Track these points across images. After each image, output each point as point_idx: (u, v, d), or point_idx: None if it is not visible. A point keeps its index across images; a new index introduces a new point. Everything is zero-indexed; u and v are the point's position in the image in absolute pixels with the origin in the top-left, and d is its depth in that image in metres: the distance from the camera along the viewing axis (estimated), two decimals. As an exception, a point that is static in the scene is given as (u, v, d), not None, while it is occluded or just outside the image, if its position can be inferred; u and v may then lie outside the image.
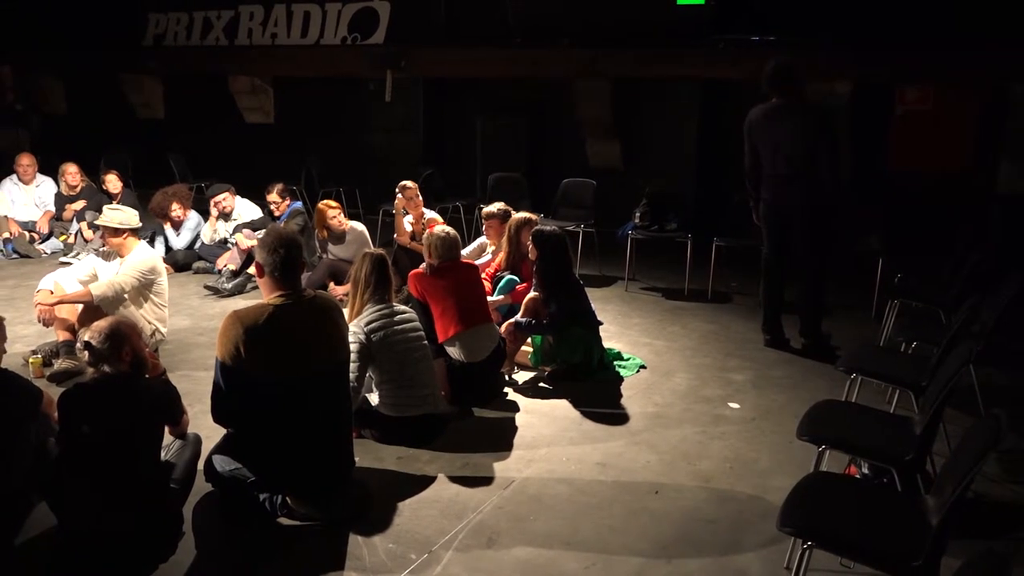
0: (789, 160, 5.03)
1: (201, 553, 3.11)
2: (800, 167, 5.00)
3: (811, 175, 4.97)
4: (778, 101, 5.08)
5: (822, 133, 4.95)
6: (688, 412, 4.47)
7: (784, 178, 5.08)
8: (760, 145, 5.16)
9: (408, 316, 4.09)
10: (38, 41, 11.68)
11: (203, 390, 3.48)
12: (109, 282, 4.90)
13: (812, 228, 5.10)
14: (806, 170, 4.98)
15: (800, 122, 5.02)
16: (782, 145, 5.04)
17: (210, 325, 5.75)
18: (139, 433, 3.15)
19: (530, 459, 3.90)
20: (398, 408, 3.96)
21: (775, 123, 5.08)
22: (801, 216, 5.10)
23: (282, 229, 3.49)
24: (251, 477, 3.28)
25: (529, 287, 5.08)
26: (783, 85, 5.06)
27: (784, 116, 5.06)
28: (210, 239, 7.41)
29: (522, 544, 3.19)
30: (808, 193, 5.02)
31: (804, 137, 4.99)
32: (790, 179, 5.05)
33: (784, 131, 5.04)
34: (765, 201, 5.24)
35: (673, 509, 3.47)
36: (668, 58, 8.12)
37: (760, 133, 5.14)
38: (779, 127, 5.05)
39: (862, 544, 2.48)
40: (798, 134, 5.00)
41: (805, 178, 4.99)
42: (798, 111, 5.05)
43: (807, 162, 4.97)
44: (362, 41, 10.05)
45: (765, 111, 5.15)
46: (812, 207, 5.04)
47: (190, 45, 11.24)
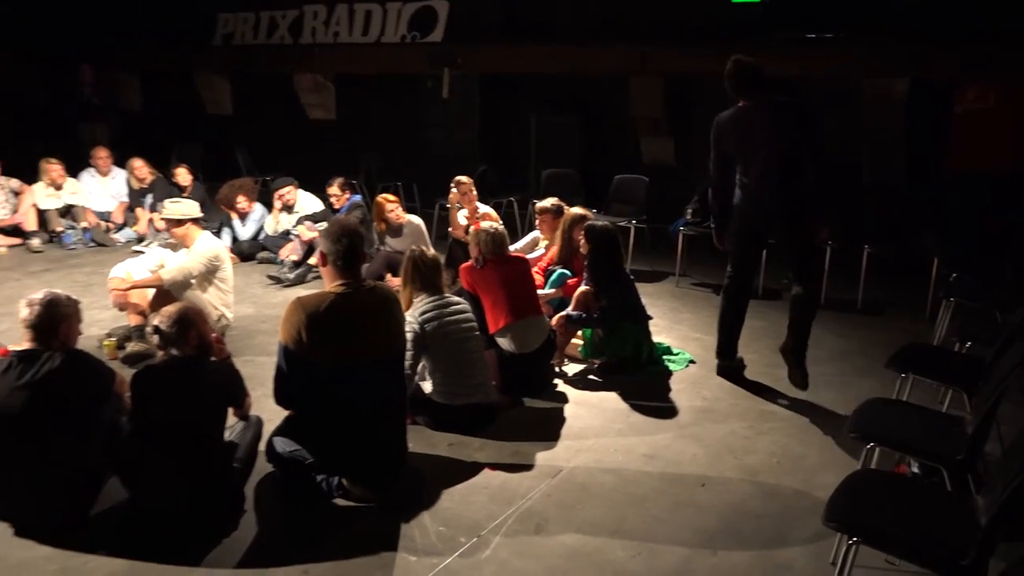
0: (767, 165, 4.48)
1: (261, 530, 3.25)
2: (779, 171, 4.47)
3: (791, 179, 4.47)
4: (748, 104, 4.56)
5: (804, 130, 4.46)
6: (736, 407, 4.48)
7: (762, 185, 4.53)
8: (733, 152, 4.62)
9: (461, 307, 4.20)
10: (116, 40, 12.15)
11: (265, 375, 3.63)
12: (178, 267, 5.13)
13: (798, 237, 4.56)
14: (786, 174, 4.46)
15: (777, 121, 4.51)
16: (758, 149, 4.50)
17: (273, 313, 5.95)
18: (204, 414, 3.31)
19: (578, 449, 3.97)
20: (450, 396, 4.07)
21: (749, 126, 4.54)
22: (783, 226, 4.57)
23: (345, 220, 3.62)
24: (309, 459, 3.40)
25: (580, 281, 5.14)
26: (751, 86, 4.54)
27: (758, 117, 4.53)
28: (273, 230, 7.66)
29: (569, 531, 3.26)
30: (789, 199, 4.49)
31: (783, 137, 4.47)
32: (768, 186, 4.51)
33: (760, 133, 4.50)
34: (739, 212, 4.67)
35: (719, 502, 3.50)
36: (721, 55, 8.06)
37: (732, 139, 4.60)
38: (754, 129, 4.52)
39: (909, 541, 2.48)
40: (776, 134, 4.48)
41: (785, 183, 4.47)
42: (773, 110, 4.54)
43: (787, 165, 4.46)
44: (421, 39, 10.21)
45: (736, 115, 4.60)
46: (794, 214, 4.51)
47: (257, 44, 11.56)
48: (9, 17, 12.12)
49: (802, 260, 4.59)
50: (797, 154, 4.45)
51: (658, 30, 8.54)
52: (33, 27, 12.22)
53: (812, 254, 4.67)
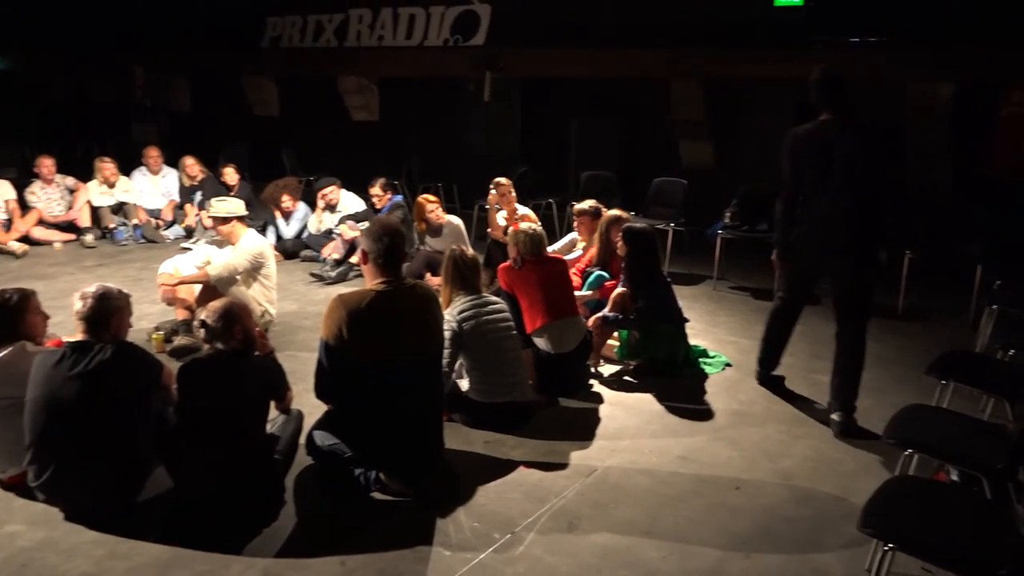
0: (841, 191, 4.11)
1: (300, 521, 3.31)
2: (854, 199, 4.10)
3: (869, 206, 4.10)
4: (828, 117, 4.18)
5: (885, 158, 4.15)
6: (772, 411, 4.46)
7: (837, 210, 4.14)
8: (806, 170, 4.23)
9: (499, 307, 4.24)
10: (167, 43, 12.45)
11: (307, 370, 3.71)
12: (224, 263, 5.27)
13: (859, 276, 4.21)
14: (861, 203, 4.10)
15: (859, 144, 4.10)
16: (836, 170, 4.10)
17: (315, 310, 6.06)
18: (247, 406, 3.39)
19: (612, 449, 3.99)
20: (487, 394, 4.11)
21: (827, 144, 4.13)
22: (847, 261, 4.20)
23: (387, 220, 3.69)
24: (348, 452, 3.47)
25: (618, 283, 5.16)
26: (834, 98, 4.17)
27: (838, 136, 4.12)
28: (316, 229, 7.79)
29: (602, 530, 3.28)
30: (861, 233, 4.13)
31: (863, 163, 4.08)
32: (842, 214, 4.13)
33: (839, 153, 4.10)
34: (808, 238, 4.31)
35: (753, 505, 3.50)
36: (763, 59, 8.03)
37: (806, 156, 4.21)
38: (833, 149, 4.12)
39: (947, 549, 2.45)
40: (856, 159, 4.09)
41: (858, 213, 4.11)
42: (855, 130, 4.14)
43: (863, 194, 4.09)
44: (463, 43, 10.30)
45: (813, 130, 4.22)
46: (865, 245, 4.16)
47: (303, 47, 11.76)
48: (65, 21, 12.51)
49: (860, 295, 4.25)
50: (875, 184, 4.11)
51: (700, 33, 8.51)
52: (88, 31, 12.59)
53: (869, 300, 4.30)
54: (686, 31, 8.62)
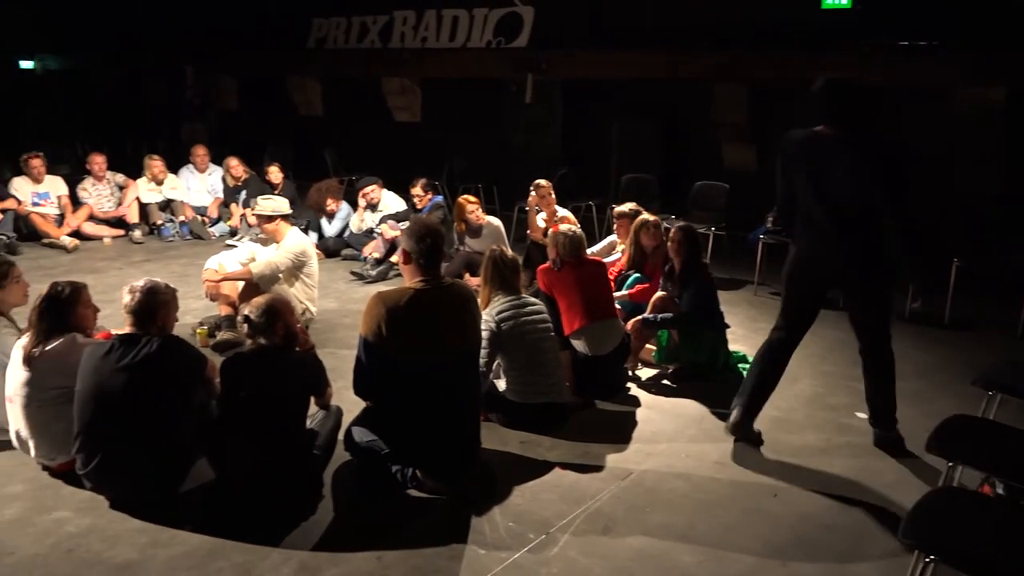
0: (836, 208, 3.75)
1: (337, 516, 3.35)
2: (856, 211, 3.73)
3: (870, 221, 3.72)
4: (828, 128, 3.80)
5: (888, 176, 3.65)
6: (812, 418, 4.40)
7: (830, 230, 3.79)
8: (799, 182, 3.85)
9: (537, 308, 4.25)
10: (216, 44, 12.71)
11: (346, 367, 3.76)
12: (267, 261, 5.36)
13: (873, 293, 3.90)
14: (864, 215, 3.72)
15: (857, 159, 3.68)
16: (830, 188, 3.74)
17: (355, 308, 6.13)
18: (288, 401, 3.45)
19: (649, 453, 3.97)
20: (524, 395, 4.12)
21: (822, 157, 3.76)
22: (854, 280, 3.90)
23: (427, 220, 3.73)
24: (386, 449, 3.51)
25: (650, 286, 5.15)
26: (840, 114, 3.76)
27: (836, 149, 3.74)
28: (357, 228, 7.88)
29: (637, 534, 3.26)
30: (866, 245, 3.76)
31: (861, 179, 3.67)
32: (839, 231, 3.77)
33: (837, 166, 3.72)
34: (802, 258, 3.95)
35: (791, 513, 3.45)
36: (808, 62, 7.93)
37: (800, 167, 3.84)
38: (831, 161, 3.74)
39: (990, 563, 2.39)
40: (853, 175, 3.69)
41: (863, 226, 3.73)
42: (856, 144, 3.71)
43: (863, 212, 3.71)
44: (506, 44, 10.33)
45: (808, 138, 3.83)
46: (869, 263, 3.80)
47: (348, 48, 11.90)
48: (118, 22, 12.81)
49: (878, 319, 3.95)
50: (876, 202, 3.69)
51: (745, 35, 8.44)
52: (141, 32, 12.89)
53: (888, 312, 3.99)
54: (731, 33, 8.56)
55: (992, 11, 7.23)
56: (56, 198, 8.48)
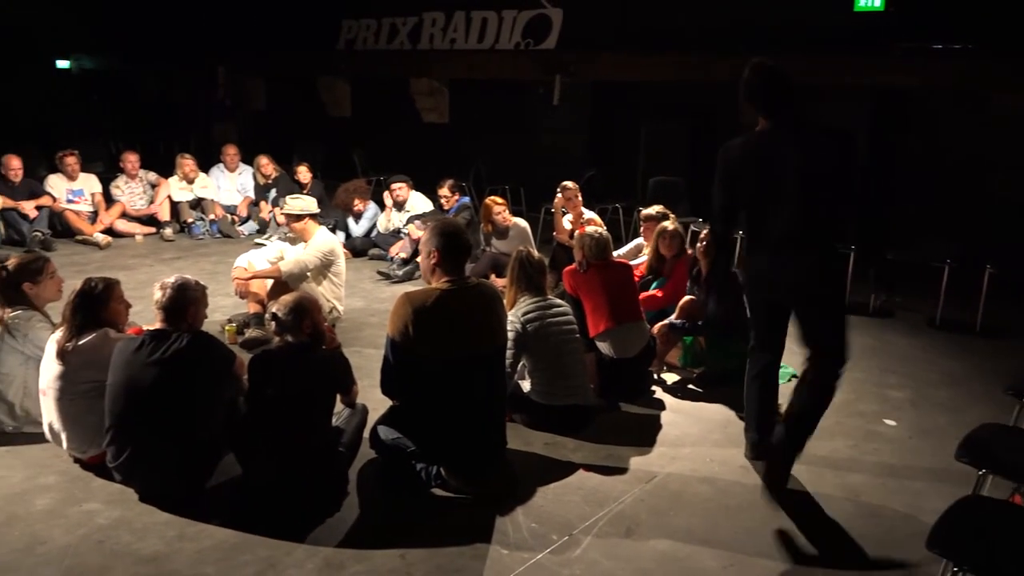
0: (795, 211, 3.36)
1: (362, 513, 3.38)
2: (807, 224, 3.36)
3: (824, 230, 3.39)
4: (769, 125, 3.42)
5: (846, 168, 3.31)
6: (840, 425, 4.36)
7: (787, 240, 3.40)
8: (743, 193, 3.51)
9: (563, 310, 4.25)
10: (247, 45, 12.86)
11: (372, 366, 3.78)
12: (295, 260, 5.41)
13: (829, 304, 3.51)
14: (818, 223, 3.37)
15: (810, 153, 3.32)
16: (783, 189, 3.34)
17: (381, 307, 6.17)
18: (314, 398, 3.48)
19: (673, 456, 3.95)
20: (548, 396, 4.12)
21: (771, 158, 3.37)
22: (809, 292, 3.49)
23: (452, 220, 3.74)
24: (411, 447, 3.53)
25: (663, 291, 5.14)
26: (778, 102, 3.37)
27: (784, 146, 3.34)
28: (385, 228, 7.93)
29: (661, 537, 3.25)
30: (821, 257, 3.42)
31: (817, 176, 3.31)
32: (792, 242, 3.40)
33: (786, 168, 3.32)
34: (756, 278, 3.66)
35: (817, 519, 3.42)
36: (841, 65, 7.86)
37: (746, 176, 3.47)
38: (779, 162, 3.34)
39: (1019, 575, 2.37)
40: (807, 172, 3.31)
41: (816, 241, 3.39)
42: (805, 137, 3.36)
43: (818, 216, 3.36)
44: (534, 46, 10.35)
45: (752, 143, 3.46)
46: (826, 276, 3.47)
47: (377, 49, 11.98)
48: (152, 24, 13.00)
49: (833, 332, 3.51)
50: (833, 195, 3.37)
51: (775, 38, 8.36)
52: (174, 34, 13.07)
53: (844, 324, 3.56)
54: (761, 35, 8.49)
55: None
56: (90, 195, 8.62)
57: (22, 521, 3.24)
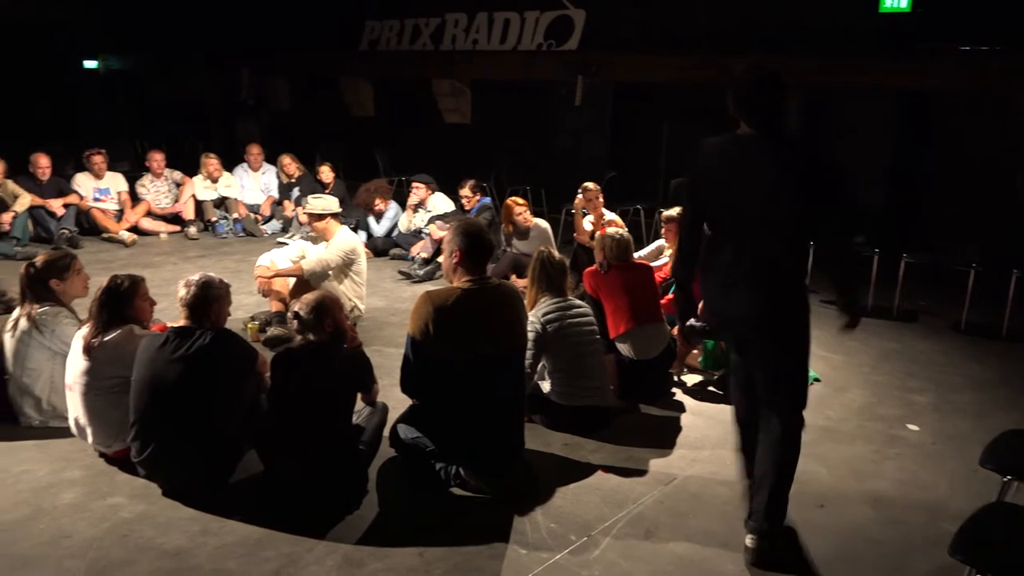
0: (747, 238, 2.98)
1: (381, 511, 3.40)
2: (764, 253, 2.96)
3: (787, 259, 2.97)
4: (750, 133, 3.00)
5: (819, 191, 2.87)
6: (862, 429, 4.32)
7: (733, 268, 3.01)
8: (712, 201, 3.09)
9: (583, 311, 4.25)
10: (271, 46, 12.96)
11: (393, 365, 3.81)
12: (318, 259, 5.45)
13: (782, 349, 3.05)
14: (774, 260, 2.96)
15: (779, 170, 2.91)
16: (744, 208, 2.96)
17: (402, 307, 6.20)
18: (335, 396, 3.50)
19: (693, 459, 3.94)
20: (568, 397, 4.13)
21: (744, 168, 2.97)
22: (757, 332, 3.04)
23: (474, 220, 3.75)
24: (430, 446, 3.54)
25: None
26: (765, 110, 2.97)
27: (760, 160, 2.94)
28: (406, 228, 7.96)
29: (680, 540, 3.25)
30: (776, 290, 2.98)
31: (783, 196, 2.89)
32: (750, 268, 2.97)
33: (754, 184, 2.93)
34: (710, 308, 3.20)
35: (837, 525, 3.40)
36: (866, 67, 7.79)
37: (715, 184, 3.06)
38: (747, 176, 2.95)
39: (1045, 582, 2.36)
40: (776, 194, 2.89)
41: (771, 268, 2.96)
42: (779, 148, 2.95)
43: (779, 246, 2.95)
44: (557, 47, 10.35)
45: (727, 145, 3.05)
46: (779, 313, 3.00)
47: (400, 50, 12.03)
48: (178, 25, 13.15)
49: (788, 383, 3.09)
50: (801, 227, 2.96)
51: (799, 39, 8.32)
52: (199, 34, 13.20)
53: (803, 376, 3.15)
54: (784, 37, 8.44)
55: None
56: (116, 194, 8.73)
57: (48, 514, 3.29)
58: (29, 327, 3.96)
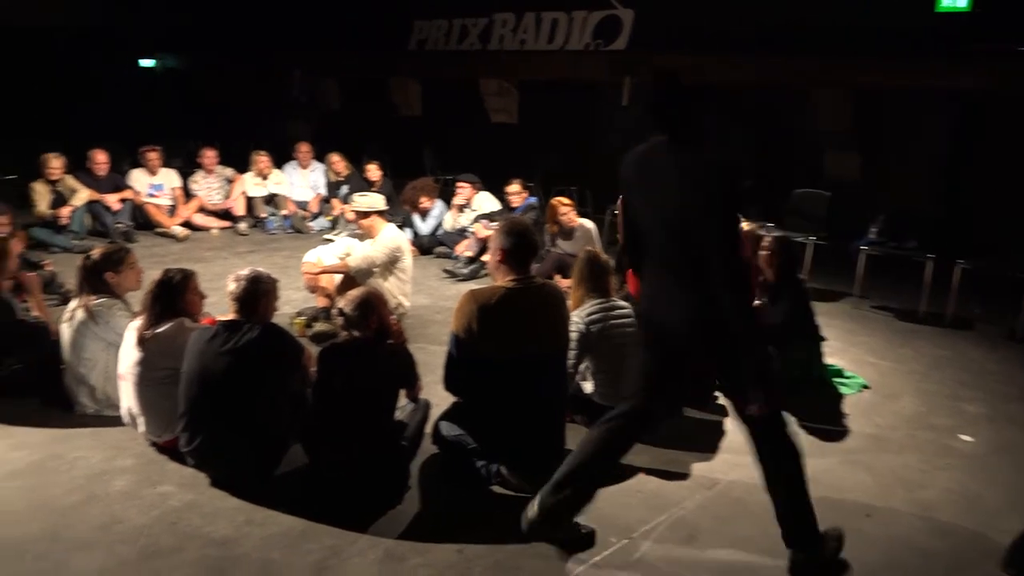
0: (666, 246, 2.90)
1: (422, 507, 3.42)
2: (681, 262, 2.86)
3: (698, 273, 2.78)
4: (659, 139, 2.95)
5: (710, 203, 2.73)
6: (912, 438, 4.23)
7: (662, 274, 2.96)
8: (638, 214, 3.01)
9: (626, 312, 4.22)
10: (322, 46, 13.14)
11: (436, 362, 3.82)
12: (363, 256, 5.51)
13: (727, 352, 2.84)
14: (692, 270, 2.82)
15: (679, 175, 2.83)
16: (662, 216, 2.88)
17: (446, 305, 6.23)
18: (379, 392, 3.54)
19: (736, 463, 3.89)
20: (610, 398, 4.10)
21: (655, 175, 2.91)
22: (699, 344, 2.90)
23: (520, 219, 3.76)
24: (472, 444, 3.56)
25: None
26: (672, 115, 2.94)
27: (660, 164, 2.90)
28: (451, 227, 8.01)
29: (722, 545, 3.21)
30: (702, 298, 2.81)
31: (682, 203, 2.79)
32: (669, 276, 2.92)
33: (668, 192, 2.84)
34: (642, 314, 3.16)
35: (884, 535, 3.33)
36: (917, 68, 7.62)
37: (636, 189, 3.01)
38: (663, 184, 2.87)
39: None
40: (675, 197, 2.82)
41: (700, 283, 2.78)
42: (679, 156, 2.86)
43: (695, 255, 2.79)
44: (604, 47, 10.31)
45: (642, 153, 3.01)
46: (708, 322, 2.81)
47: (448, 50, 12.09)
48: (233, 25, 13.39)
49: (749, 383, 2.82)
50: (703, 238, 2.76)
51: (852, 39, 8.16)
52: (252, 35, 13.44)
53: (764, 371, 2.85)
54: (837, 37, 8.29)
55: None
56: (170, 190, 8.92)
57: (101, 500, 3.38)
58: (85, 318, 4.08)
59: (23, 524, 3.20)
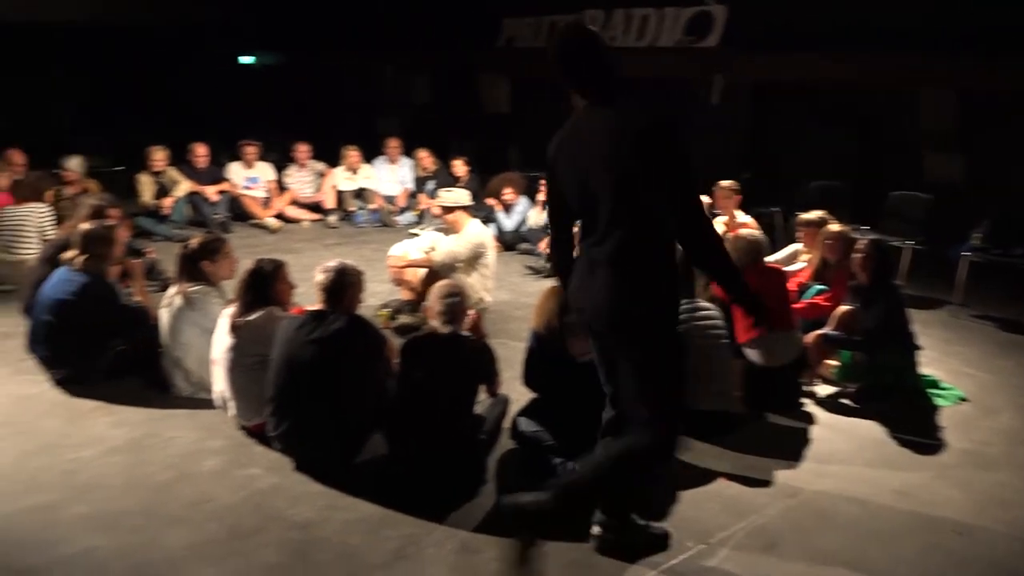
0: (596, 217, 2.70)
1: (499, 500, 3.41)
2: (610, 232, 2.65)
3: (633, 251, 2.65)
4: (584, 105, 2.78)
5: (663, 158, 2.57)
6: (1012, 456, 4.01)
7: (584, 252, 2.80)
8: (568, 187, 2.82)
9: (711, 313, 4.16)
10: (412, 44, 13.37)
11: (516, 357, 3.85)
12: (447, 250, 5.58)
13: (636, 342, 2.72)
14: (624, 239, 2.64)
15: (617, 135, 2.60)
16: (589, 188, 2.68)
17: (528, 301, 6.22)
18: (459, 385, 3.59)
19: (821, 473, 3.78)
20: (691, 401, 4.03)
21: (578, 143, 2.75)
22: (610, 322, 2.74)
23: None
24: (550, 441, 3.57)
25: (827, 298, 4.89)
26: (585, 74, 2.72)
27: (587, 129, 2.72)
28: (535, 223, 8.02)
29: (802, 557, 3.13)
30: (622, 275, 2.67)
31: (622, 165, 2.57)
32: (593, 256, 2.74)
33: (591, 155, 2.66)
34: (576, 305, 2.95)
35: (976, 555, 3.18)
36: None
37: (563, 171, 2.83)
38: (584, 149, 2.70)
39: None
40: (613, 158, 2.60)
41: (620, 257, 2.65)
42: (613, 116, 2.65)
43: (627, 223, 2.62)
44: (695, 44, 10.13)
45: (570, 124, 2.86)
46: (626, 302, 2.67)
47: (537, 47, 12.10)
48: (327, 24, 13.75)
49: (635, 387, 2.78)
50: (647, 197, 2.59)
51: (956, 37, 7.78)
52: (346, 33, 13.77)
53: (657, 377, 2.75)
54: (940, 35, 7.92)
55: None
56: (265, 183, 9.23)
57: (192, 479, 3.54)
58: (183, 304, 4.27)
59: (120, 499, 3.38)
